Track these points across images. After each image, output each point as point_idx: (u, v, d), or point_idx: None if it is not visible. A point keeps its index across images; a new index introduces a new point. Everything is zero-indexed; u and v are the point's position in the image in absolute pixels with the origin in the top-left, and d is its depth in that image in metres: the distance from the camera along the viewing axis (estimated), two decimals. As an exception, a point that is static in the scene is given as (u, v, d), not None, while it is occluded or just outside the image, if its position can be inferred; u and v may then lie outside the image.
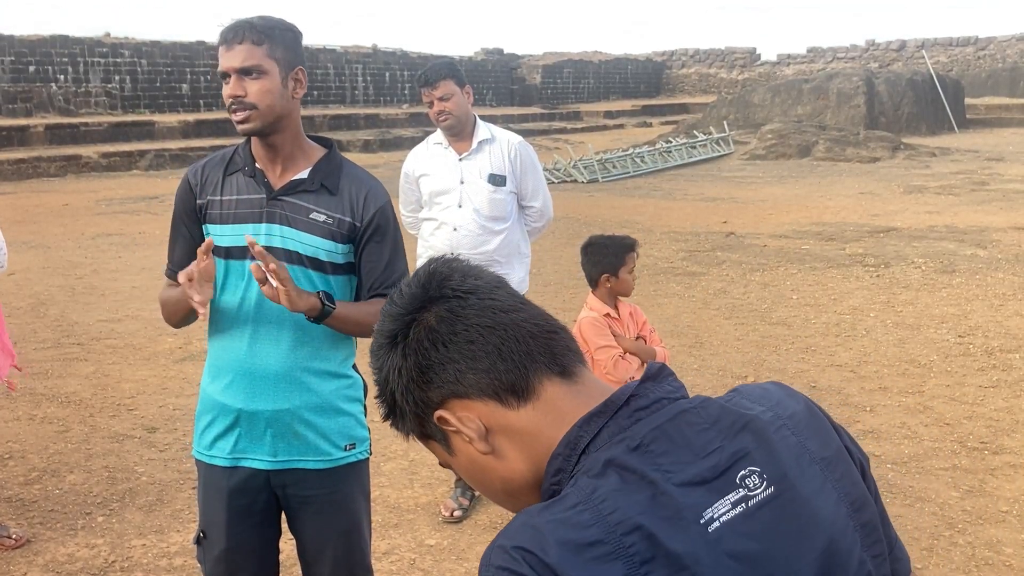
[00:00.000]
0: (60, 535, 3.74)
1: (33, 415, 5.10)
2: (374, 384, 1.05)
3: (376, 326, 1.01)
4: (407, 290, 0.98)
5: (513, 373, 0.92)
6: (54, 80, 21.88)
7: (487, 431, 0.93)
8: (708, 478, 0.85)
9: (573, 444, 0.89)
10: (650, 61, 43.80)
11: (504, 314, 0.94)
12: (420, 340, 0.94)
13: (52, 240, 10.60)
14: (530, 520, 0.84)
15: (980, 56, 38.00)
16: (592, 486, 0.84)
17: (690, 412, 0.89)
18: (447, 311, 0.94)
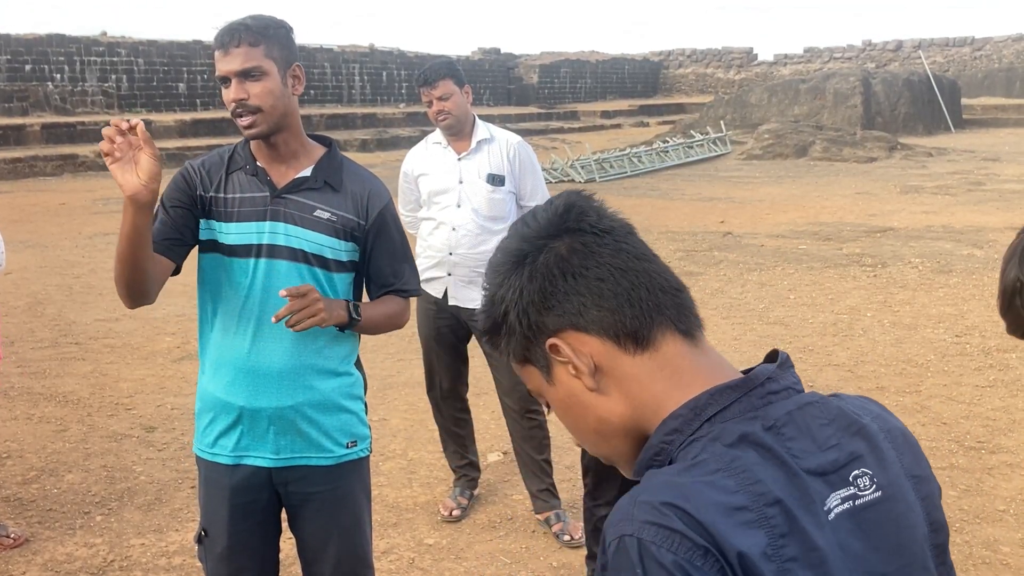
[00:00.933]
0: (59, 534, 3.74)
1: (31, 414, 5.09)
2: (485, 300, 1.02)
3: (503, 243, 1.00)
4: (543, 215, 0.98)
5: (638, 320, 0.93)
6: (50, 79, 21.84)
7: (596, 369, 0.94)
8: (827, 471, 0.87)
9: (699, 409, 0.89)
10: (647, 61, 43.82)
11: (637, 261, 0.96)
12: (549, 266, 0.94)
13: (49, 239, 10.58)
14: (673, 479, 0.84)
15: (976, 56, 38.06)
16: (731, 455, 0.85)
17: (814, 405, 0.91)
18: (581, 244, 0.94)
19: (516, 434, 3.81)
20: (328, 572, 2.29)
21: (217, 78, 2.11)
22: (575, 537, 3.62)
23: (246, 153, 2.20)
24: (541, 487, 3.79)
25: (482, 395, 5.00)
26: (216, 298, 2.20)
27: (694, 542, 0.79)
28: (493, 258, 1.00)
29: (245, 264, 2.15)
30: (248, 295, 2.16)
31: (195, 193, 2.17)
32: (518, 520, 3.89)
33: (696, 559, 0.79)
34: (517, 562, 3.55)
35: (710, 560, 0.79)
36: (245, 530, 2.24)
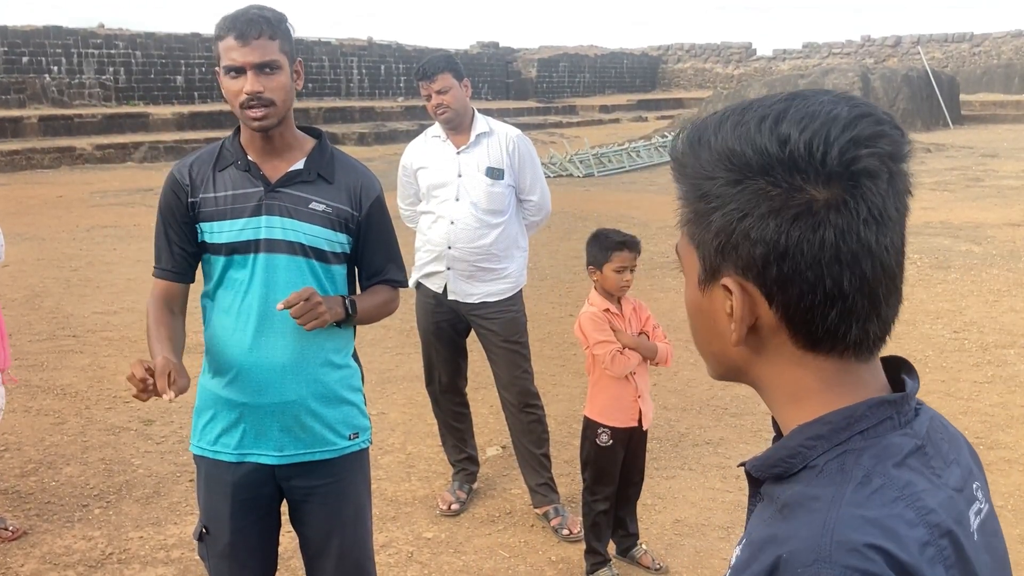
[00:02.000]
0: (57, 527, 3.73)
1: (29, 407, 5.08)
2: (698, 190, 0.84)
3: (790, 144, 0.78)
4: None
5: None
6: (48, 71, 21.77)
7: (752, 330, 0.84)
8: (961, 487, 0.83)
9: (854, 420, 0.81)
10: (646, 56, 43.75)
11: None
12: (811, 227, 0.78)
13: (47, 232, 10.56)
14: (865, 513, 0.76)
15: (975, 52, 38.04)
16: (903, 480, 0.78)
17: (935, 420, 0.88)
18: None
19: (515, 428, 3.81)
20: (332, 565, 2.29)
21: (224, 67, 2.08)
22: (574, 531, 3.62)
23: (236, 148, 2.19)
24: (540, 481, 3.79)
25: (481, 389, 5.00)
26: (215, 296, 2.21)
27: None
28: (752, 161, 0.80)
29: (243, 260, 2.15)
30: (247, 291, 2.16)
31: (186, 201, 2.18)
32: (517, 514, 3.89)
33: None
34: (516, 556, 3.55)
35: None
36: (247, 526, 2.24)
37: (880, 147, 0.77)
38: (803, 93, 0.82)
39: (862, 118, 0.78)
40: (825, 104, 0.79)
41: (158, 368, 1.98)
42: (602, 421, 3.23)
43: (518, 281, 3.76)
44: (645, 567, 3.43)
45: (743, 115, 0.81)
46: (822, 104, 0.79)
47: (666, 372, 5.63)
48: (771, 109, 0.80)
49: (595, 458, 3.28)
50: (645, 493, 3.63)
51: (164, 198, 2.22)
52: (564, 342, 6.29)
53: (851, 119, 0.78)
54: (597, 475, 3.29)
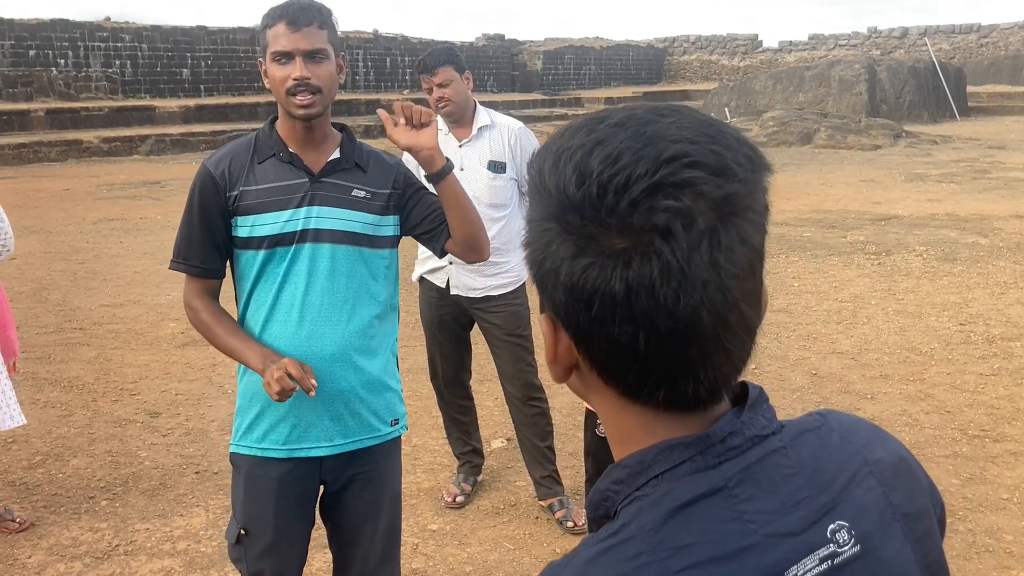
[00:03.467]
0: (64, 519, 3.76)
1: (36, 399, 5.11)
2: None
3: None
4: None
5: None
6: (54, 64, 21.82)
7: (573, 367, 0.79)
8: (797, 531, 0.74)
9: (646, 465, 0.76)
10: (651, 47, 43.63)
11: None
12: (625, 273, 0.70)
13: (53, 225, 10.59)
14: (587, 571, 0.72)
15: (983, 44, 37.84)
16: (661, 535, 0.72)
17: (779, 454, 0.77)
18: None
19: (519, 421, 3.82)
20: (362, 553, 2.31)
21: (273, 53, 2.09)
22: (578, 524, 3.63)
23: (275, 139, 2.19)
24: (544, 474, 3.79)
25: (485, 382, 5.01)
26: (256, 290, 2.19)
27: None
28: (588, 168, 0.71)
29: (286, 252, 2.15)
30: (292, 283, 2.15)
31: (224, 196, 2.16)
32: (521, 506, 3.90)
33: None
34: (520, 548, 3.56)
35: None
36: (289, 523, 2.25)
37: (683, 200, 0.66)
38: (642, 116, 0.72)
39: (673, 161, 0.67)
40: (649, 137, 0.69)
41: (290, 366, 2.02)
42: (605, 413, 3.23)
43: (521, 275, 3.76)
44: (649, 559, 3.43)
45: (568, 138, 0.73)
46: (647, 136, 0.69)
47: (671, 365, 5.63)
48: (592, 137, 0.71)
49: (596, 448, 3.28)
50: (649, 485, 3.64)
51: (200, 195, 2.17)
52: (569, 335, 6.28)
53: (661, 160, 0.67)
54: (598, 466, 3.29)
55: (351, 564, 2.33)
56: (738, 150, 0.70)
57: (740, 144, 0.71)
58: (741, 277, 0.70)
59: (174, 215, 11.32)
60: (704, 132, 0.70)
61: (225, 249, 2.21)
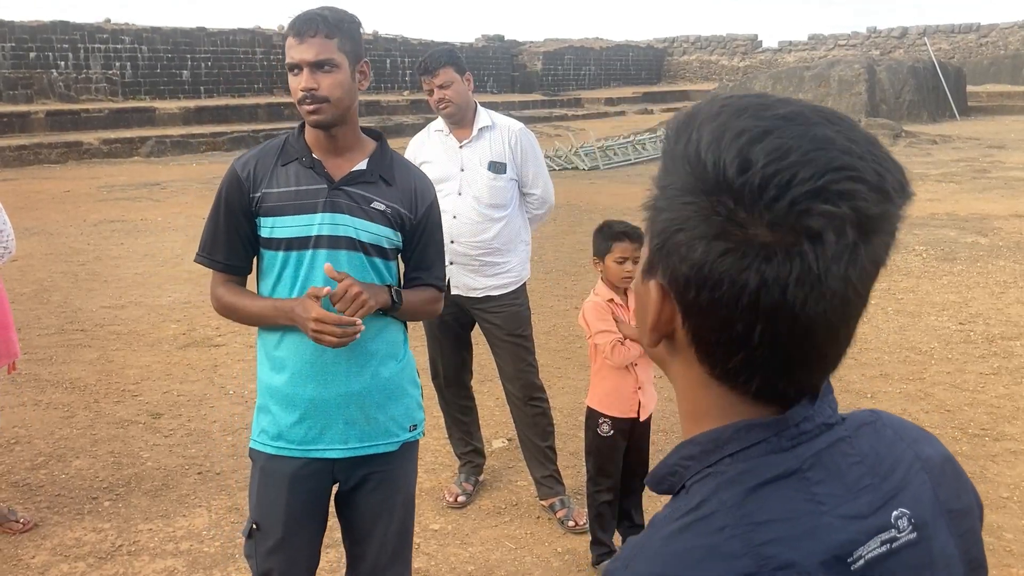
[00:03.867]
0: (67, 519, 3.77)
1: (38, 400, 5.12)
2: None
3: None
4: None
5: None
6: (55, 66, 21.83)
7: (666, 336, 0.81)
8: (865, 514, 0.77)
9: (720, 443, 0.78)
10: (651, 48, 43.65)
11: None
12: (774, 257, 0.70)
13: (54, 226, 10.60)
14: (670, 547, 0.75)
15: (982, 43, 37.86)
16: (742, 510, 0.74)
17: (844, 442, 0.80)
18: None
19: (520, 421, 3.83)
20: (374, 550, 2.33)
21: (287, 64, 2.14)
22: (579, 523, 3.64)
23: (301, 144, 2.23)
24: (545, 473, 3.81)
25: (486, 382, 5.02)
26: (275, 291, 2.23)
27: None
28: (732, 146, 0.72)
29: (302, 256, 2.19)
30: (307, 285, 2.18)
31: (248, 196, 2.21)
32: (523, 506, 3.92)
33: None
34: (522, 547, 3.57)
35: None
36: (300, 521, 2.27)
37: (841, 209, 0.68)
38: (808, 116, 0.73)
39: (840, 170, 0.69)
40: (817, 142, 0.70)
41: (314, 316, 2.05)
42: (602, 411, 3.25)
43: (521, 275, 3.77)
44: (650, 558, 3.44)
45: (732, 118, 0.73)
46: (815, 140, 0.70)
47: (671, 365, 5.65)
48: (758, 124, 0.71)
49: (597, 448, 3.30)
50: (650, 485, 3.65)
51: (226, 194, 2.22)
52: (569, 335, 6.30)
53: (826, 168, 0.68)
54: (599, 465, 3.31)
55: (362, 562, 2.35)
56: (894, 174, 0.72)
57: (896, 169, 0.72)
58: (862, 295, 0.73)
59: (175, 217, 11.35)
60: (869, 149, 0.72)
61: (251, 247, 2.26)
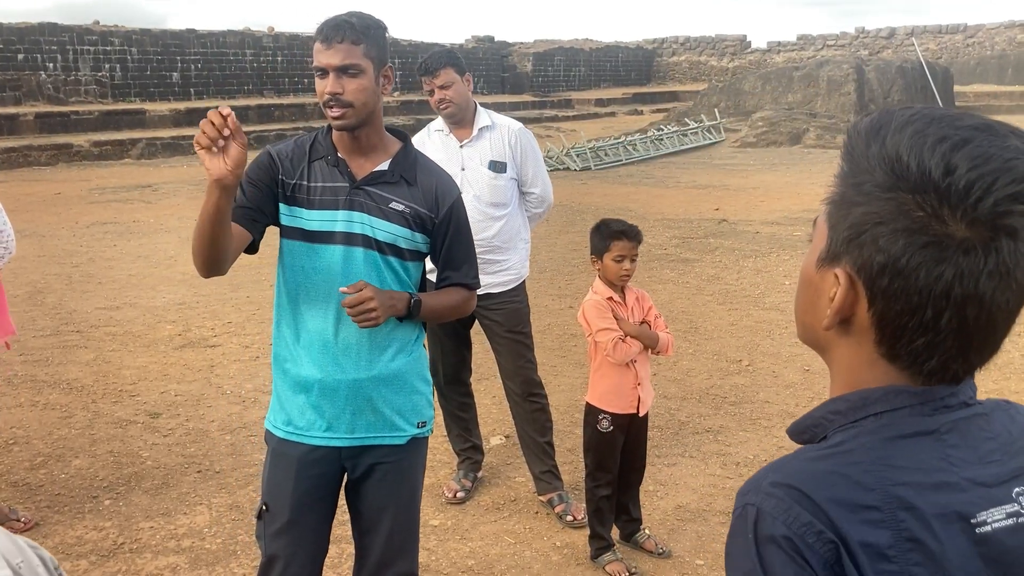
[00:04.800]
0: (68, 518, 3.79)
1: (36, 401, 5.13)
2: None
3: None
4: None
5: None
6: (43, 68, 21.75)
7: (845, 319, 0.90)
8: (989, 483, 0.86)
9: (869, 401, 0.88)
10: (641, 49, 43.77)
11: None
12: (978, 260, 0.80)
13: (46, 229, 10.59)
14: (810, 465, 0.85)
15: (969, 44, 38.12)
16: (880, 452, 0.84)
17: (982, 418, 0.89)
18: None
19: (519, 417, 3.87)
20: (381, 541, 2.37)
21: (314, 68, 2.19)
22: (577, 518, 3.68)
23: (327, 143, 2.29)
24: (543, 469, 3.85)
25: (484, 380, 5.06)
26: (297, 282, 2.28)
27: (810, 524, 0.81)
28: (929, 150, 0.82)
29: (322, 250, 2.24)
30: (326, 280, 2.24)
31: (277, 177, 2.26)
32: (521, 501, 3.95)
33: (808, 536, 0.81)
34: (521, 542, 3.61)
35: (823, 541, 0.80)
36: (307, 505, 2.31)
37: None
38: (997, 129, 0.83)
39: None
40: (1010, 153, 0.80)
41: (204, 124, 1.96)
42: (602, 407, 3.29)
43: (520, 272, 3.81)
44: (649, 552, 3.49)
45: (928, 126, 0.83)
46: (1007, 149, 0.80)
47: (666, 362, 5.69)
48: (956, 133, 0.81)
49: (596, 444, 3.34)
50: (647, 480, 3.70)
51: (253, 166, 2.26)
52: (565, 333, 6.35)
53: (1023, 176, 0.79)
54: (598, 460, 3.35)
55: (369, 552, 2.39)
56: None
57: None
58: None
59: (167, 218, 11.35)
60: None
61: (258, 214, 2.24)
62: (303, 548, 2.33)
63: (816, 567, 0.80)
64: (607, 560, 3.36)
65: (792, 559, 0.80)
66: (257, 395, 5.17)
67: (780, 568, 0.81)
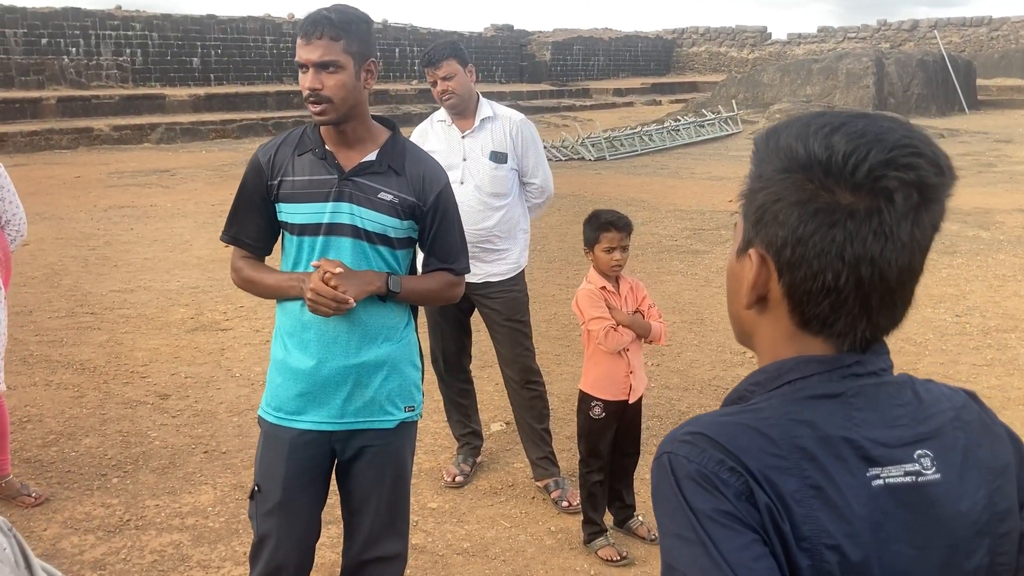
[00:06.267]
0: (77, 494, 3.89)
1: (49, 381, 5.25)
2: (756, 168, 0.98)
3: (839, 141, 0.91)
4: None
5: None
6: (66, 53, 21.95)
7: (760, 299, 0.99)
8: (890, 444, 0.93)
9: (784, 371, 0.96)
10: (660, 39, 43.56)
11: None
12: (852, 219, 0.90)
13: (64, 212, 10.74)
14: (721, 419, 0.94)
15: (993, 37, 37.67)
16: (786, 410, 0.93)
17: (891, 386, 0.97)
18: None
19: (517, 404, 3.93)
20: (368, 521, 2.44)
21: (296, 63, 2.26)
22: (573, 503, 3.75)
23: (315, 136, 2.35)
24: (540, 455, 3.91)
25: (485, 367, 5.12)
26: (290, 270, 2.37)
27: (722, 462, 0.89)
28: (802, 138, 0.93)
29: (313, 242, 2.31)
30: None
31: (266, 184, 2.35)
32: (518, 487, 4.03)
33: (723, 472, 0.88)
34: (516, 526, 3.68)
35: (736, 476, 0.88)
36: (298, 487, 2.38)
37: (907, 175, 0.88)
38: (872, 115, 0.94)
39: (904, 147, 0.89)
40: (883, 129, 0.90)
41: (316, 288, 2.19)
42: (595, 394, 3.35)
43: (520, 262, 3.87)
44: (641, 537, 3.55)
45: (813, 119, 0.94)
46: (880, 128, 0.90)
47: (669, 352, 5.74)
48: (835, 120, 0.92)
49: (588, 430, 3.40)
50: (643, 467, 3.76)
51: (247, 177, 2.39)
52: (569, 323, 6.40)
53: (894, 145, 0.89)
54: (590, 447, 3.41)
55: (358, 532, 2.46)
56: (944, 159, 0.92)
57: (945, 156, 0.93)
58: (923, 252, 0.93)
59: (184, 203, 11.47)
60: (924, 139, 0.92)
61: (269, 228, 2.40)
62: (294, 528, 2.40)
63: (731, 497, 0.88)
64: (599, 545, 3.43)
65: (709, 492, 0.88)
66: (265, 378, 5.26)
67: (700, 501, 0.88)
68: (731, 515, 0.87)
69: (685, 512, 0.89)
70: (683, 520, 0.89)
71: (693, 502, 0.89)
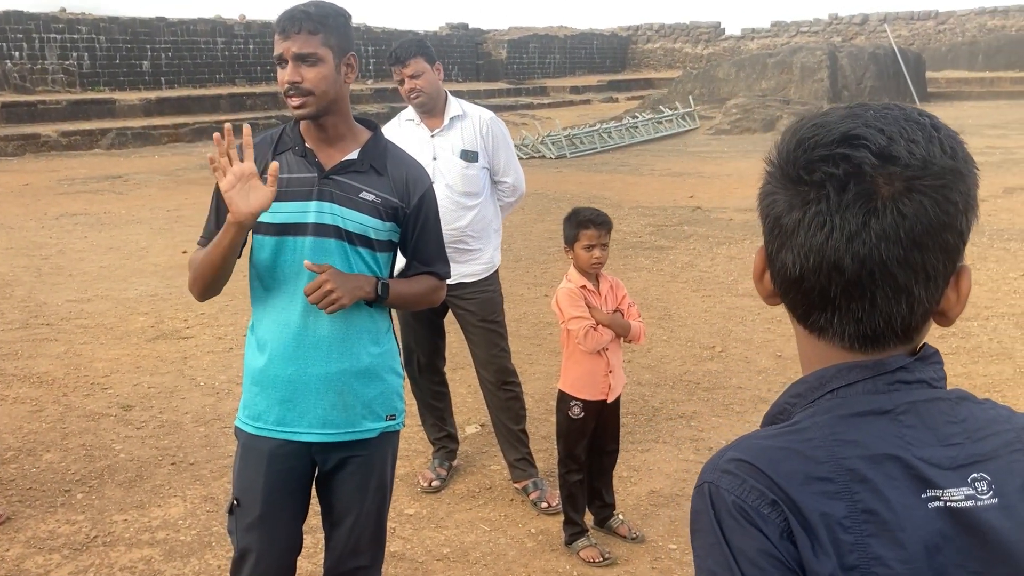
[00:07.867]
0: (40, 512, 3.76)
1: (5, 395, 5.08)
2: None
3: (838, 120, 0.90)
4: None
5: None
6: (8, 57, 21.39)
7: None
8: (944, 465, 0.88)
9: (825, 380, 0.92)
10: (615, 36, 43.76)
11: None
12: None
13: (14, 220, 10.45)
14: (763, 442, 0.90)
15: (940, 30, 38.44)
16: (833, 429, 0.88)
17: (944, 402, 0.91)
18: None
19: (493, 406, 3.88)
20: (349, 534, 2.37)
21: (274, 58, 2.20)
22: (552, 504, 3.70)
23: (295, 134, 2.28)
24: (518, 457, 3.87)
25: (459, 369, 5.06)
26: (266, 276, 2.27)
27: (763, 494, 0.85)
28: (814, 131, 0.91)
29: (293, 242, 2.22)
30: (296, 272, 2.22)
31: None
32: (496, 489, 3.97)
33: (763, 507, 0.85)
34: (496, 529, 3.63)
35: (777, 511, 0.84)
36: (278, 500, 2.30)
37: (838, 167, 0.86)
38: (870, 105, 0.92)
39: (847, 140, 0.87)
40: (848, 118, 0.89)
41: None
42: (574, 394, 3.32)
43: (493, 261, 3.82)
44: (622, 536, 3.52)
45: (811, 116, 0.94)
46: (846, 117, 0.90)
47: (640, 349, 5.73)
48: (808, 121, 0.93)
49: (567, 430, 3.36)
50: (620, 466, 3.72)
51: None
52: (540, 322, 6.36)
53: (838, 138, 0.87)
54: (569, 447, 3.38)
55: (338, 543, 2.39)
56: (926, 148, 0.87)
57: (931, 144, 0.88)
58: (894, 242, 0.86)
59: (139, 209, 11.22)
60: (902, 126, 0.88)
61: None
62: (275, 542, 2.32)
63: (772, 537, 0.84)
64: (581, 546, 3.39)
65: (749, 530, 0.85)
66: (231, 386, 5.15)
67: (739, 539, 0.85)
68: (770, 555, 0.84)
69: (723, 549, 0.86)
70: (720, 558, 0.86)
71: (732, 540, 0.86)
